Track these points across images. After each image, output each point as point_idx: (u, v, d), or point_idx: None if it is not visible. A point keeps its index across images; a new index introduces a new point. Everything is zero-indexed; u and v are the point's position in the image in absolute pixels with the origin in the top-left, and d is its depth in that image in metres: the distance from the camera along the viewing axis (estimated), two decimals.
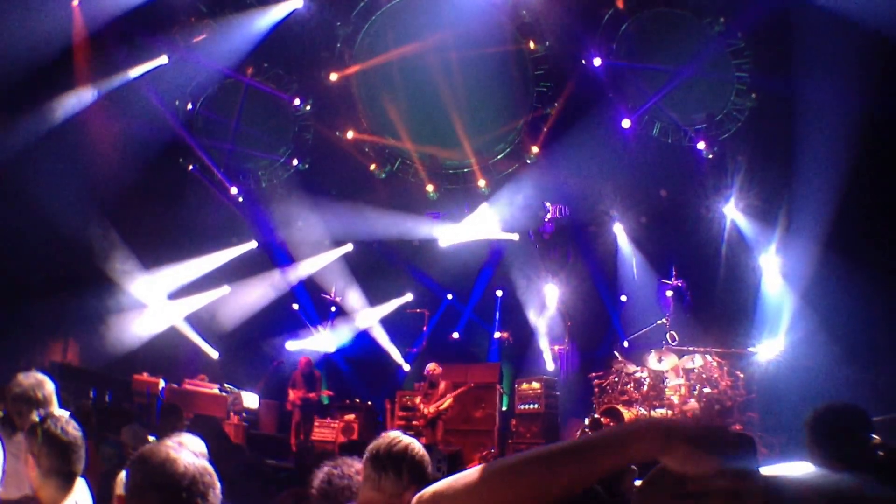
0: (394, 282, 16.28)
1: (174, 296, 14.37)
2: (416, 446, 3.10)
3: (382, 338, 15.97)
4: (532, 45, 14.15)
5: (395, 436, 3.11)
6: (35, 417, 3.57)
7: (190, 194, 15.25)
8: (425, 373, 12.60)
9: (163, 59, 13.14)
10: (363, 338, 15.94)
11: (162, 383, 11.79)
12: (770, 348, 11.73)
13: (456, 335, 16.21)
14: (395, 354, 15.99)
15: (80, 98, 12.68)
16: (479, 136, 15.09)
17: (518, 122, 14.98)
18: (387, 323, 16.18)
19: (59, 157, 12.18)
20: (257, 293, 15.52)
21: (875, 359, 10.82)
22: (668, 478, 1.26)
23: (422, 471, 3.06)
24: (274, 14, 13.58)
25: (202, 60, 13.79)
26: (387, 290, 16.25)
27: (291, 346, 15.90)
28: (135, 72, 13.12)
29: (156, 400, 11.40)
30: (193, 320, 14.71)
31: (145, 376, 11.87)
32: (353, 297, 15.91)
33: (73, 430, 3.34)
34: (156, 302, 13.96)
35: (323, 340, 15.76)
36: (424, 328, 15.61)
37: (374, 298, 16.11)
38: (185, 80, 14.02)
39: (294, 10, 13.59)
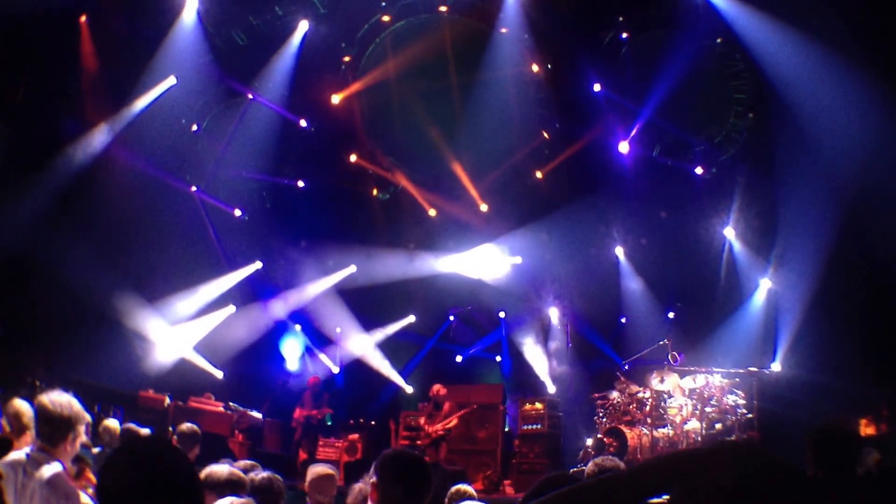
0: (396, 303, 16.34)
1: (181, 321, 14.31)
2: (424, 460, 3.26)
3: (383, 359, 15.98)
4: (535, 68, 14.33)
5: (404, 450, 3.28)
6: None
7: (194, 216, 15.21)
8: (430, 394, 12.66)
9: (171, 80, 13.15)
10: (365, 359, 15.94)
11: (168, 400, 11.81)
12: (770, 368, 11.82)
13: (459, 358, 16.32)
14: (395, 376, 16.03)
15: (95, 139, 12.69)
16: (481, 159, 15.22)
17: (521, 145, 15.10)
18: (387, 344, 16.22)
19: (76, 208, 12.36)
20: (262, 313, 15.54)
21: (874, 378, 10.89)
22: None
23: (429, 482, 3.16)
24: (289, 41, 13.71)
25: (210, 78, 13.88)
26: (389, 311, 16.32)
27: (292, 365, 15.96)
28: (146, 99, 13.05)
29: (159, 416, 11.42)
30: (200, 342, 14.65)
31: (151, 393, 11.88)
32: (355, 319, 15.93)
33: None
34: (163, 333, 13.85)
35: (326, 361, 15.80)
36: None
37: (376, 320, 16.16)
38: (191, 99, 14.05)
39: (305, 35, 13.72)
